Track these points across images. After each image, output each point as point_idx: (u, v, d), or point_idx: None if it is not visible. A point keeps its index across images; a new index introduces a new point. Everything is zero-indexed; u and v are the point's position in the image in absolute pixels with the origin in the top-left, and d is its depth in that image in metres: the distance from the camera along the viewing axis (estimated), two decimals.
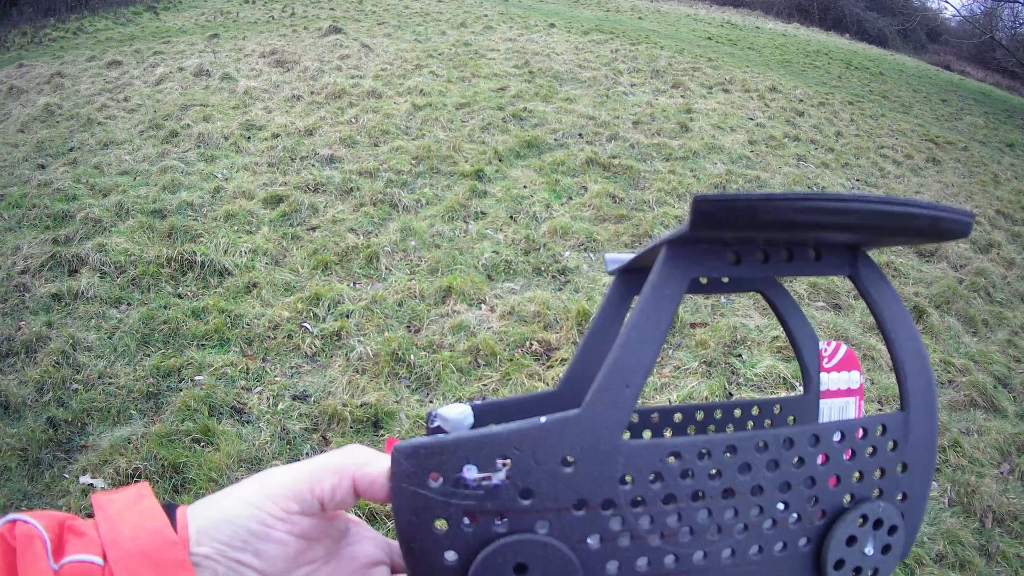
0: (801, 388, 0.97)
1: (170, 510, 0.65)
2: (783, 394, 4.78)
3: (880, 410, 4.86)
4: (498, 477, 0.62)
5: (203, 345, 4.98)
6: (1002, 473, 4.59)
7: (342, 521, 0.75)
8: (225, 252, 6.05)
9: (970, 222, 0.65)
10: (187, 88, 11.27)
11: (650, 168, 8.95)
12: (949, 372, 5.59)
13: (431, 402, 4.56)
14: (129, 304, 5.37)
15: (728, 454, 0.66)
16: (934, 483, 4.36)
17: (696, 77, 14.33)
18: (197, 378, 4.63)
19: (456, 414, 0.89)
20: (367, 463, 0.68)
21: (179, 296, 5.51)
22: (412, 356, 4.90)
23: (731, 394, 4.84)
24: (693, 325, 5.58)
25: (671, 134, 10.34)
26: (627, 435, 0.65)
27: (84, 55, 14.22)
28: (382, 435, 4.23)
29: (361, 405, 4.41)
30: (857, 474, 0.71)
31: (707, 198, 0.56)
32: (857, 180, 10.15)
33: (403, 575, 0.75)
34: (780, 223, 0.58)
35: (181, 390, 4.50)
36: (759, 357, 5.23)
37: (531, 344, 5.14)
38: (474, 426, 0.90)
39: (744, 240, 0.66)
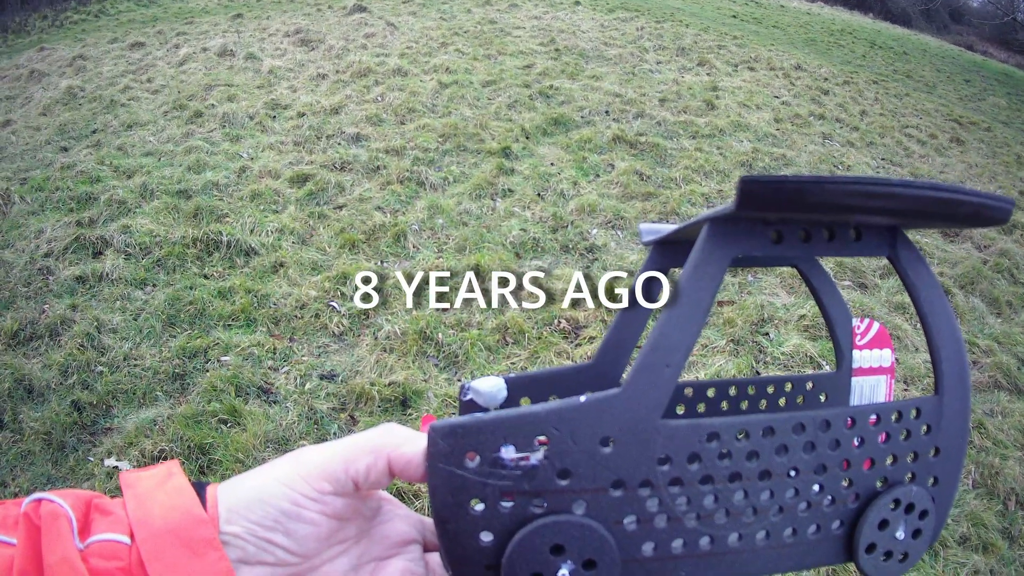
0: (827, 367, 0.96)
1: (200, 488, 0.64)
2: (810, 373, 4.78)
3: (906, 391, 4.86)
4: (536, 457, 0.62)
5: (229, 325, 4.98)
6: None
7: (374, 499, 0.74)
8: (251, 232, 6.04)
9: (1010, 209, 0.65)
10: (211, 68, 11.30)
11: (677, 146, 8.94)
12: (973, 353, 5.56)
13: (459, 380, 4.55)
14: (154, 285, 5.37)
15: (765, 436, 0.67)
16: None
17: (721, 55, 14.32)
18: (224, 359, 4.62)
19: (489, 387, 0.88)
20: (403, 443, 0.66)
21: (205, 276, 5.50)
22: (440, 335, 4.89)
23: (758, 372, 4.83)
24: (720, 303, 5.56)
25: (697, 112, 10.32)
26: None
27: (106, 37, 14.29)
28: (410, 414, 4.23)
29: (389, 384, 4.41)
30: (891, 458, 0.71)
31: (755, 179, 0.56)
32: (882, 159, 10.13)
33: (435, 553, 0.75)
34: (827, 205, 0.59)
35: (207, 371, 4.50)
36: (786, 336, 5.21)
37: (559, 322, 5.12)
38: (508, 399, 0.90)
39: (787, 220, 0.66)
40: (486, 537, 0.63)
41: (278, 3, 17.49)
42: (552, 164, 7.99)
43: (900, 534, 0.70)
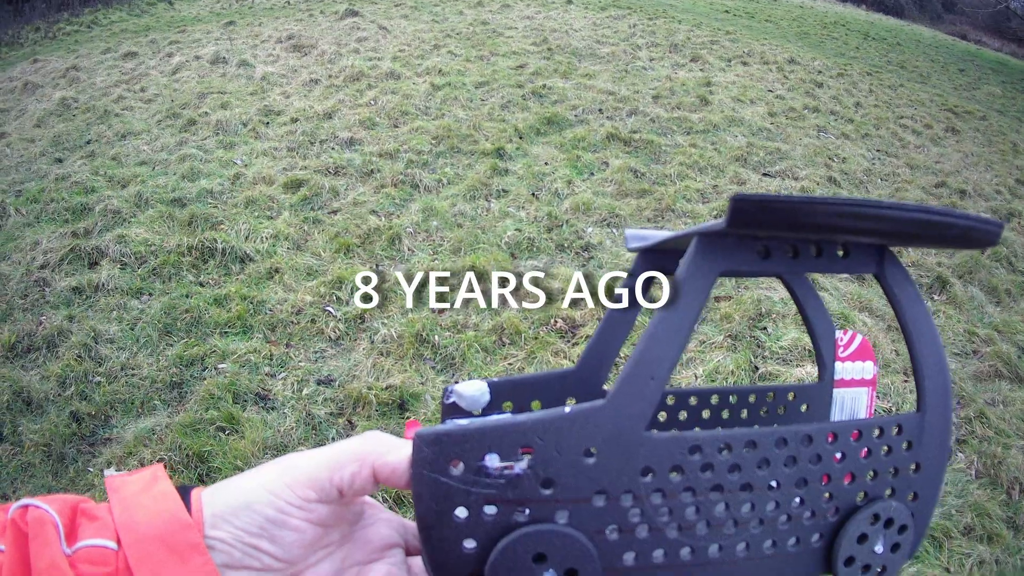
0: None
1: (184, 492, 0.65)
2: (808, 367, 4.84)
3: (905, 382, 4.84)
4: (520, 466, 0.62)
5: (226, 332, 4.97)
6: None
7: (357, 504, 0.75)
8: (246, 238, 6.04)
9: (999, 232, 0.66)
10: (204, 76, 11.26)
11: (671, 142, 8.94)
12: (973, 342, 5.58)
13: (456, 382, 4.52)
14: (150, 294, 5.37)
15: (748, 449, 0.67)
16: (961, 454, 4.39)
17: (714, 50, 14.30)
18: (221, 366, 4.62)
19: (472, 391, 0.90)
20: (388, 451, 0.67)
21: (201, 284, 5.50)
22: (436, 337, 4.88)
23: (756, 367, 4.82)
24: (717, 299, 5.54)
25: (691, 108, 10.32)
26: None
27: (99, 48, 14.23)
28: (408, 417, 4.22)
29: (386, 388, 4.40)
30: (872, 473, 0.72)
31: (746, 198, 0.57)
32: (877, 151, 10.13)
33: (418, 557, 0.76)
34: (817, 226, 0.60)
35: (205, 379, 4.50)
36: (784, 330, 5.21)
37: (556, 321, 5.11)
38: (490, 403, 0.91)
39: (775, 236, 0.67)
40: (469, 544, 0.63)
41: (270, 9, 17.45)
42: (546, 163, 7.99)
43: (879, 548, 0.71)
